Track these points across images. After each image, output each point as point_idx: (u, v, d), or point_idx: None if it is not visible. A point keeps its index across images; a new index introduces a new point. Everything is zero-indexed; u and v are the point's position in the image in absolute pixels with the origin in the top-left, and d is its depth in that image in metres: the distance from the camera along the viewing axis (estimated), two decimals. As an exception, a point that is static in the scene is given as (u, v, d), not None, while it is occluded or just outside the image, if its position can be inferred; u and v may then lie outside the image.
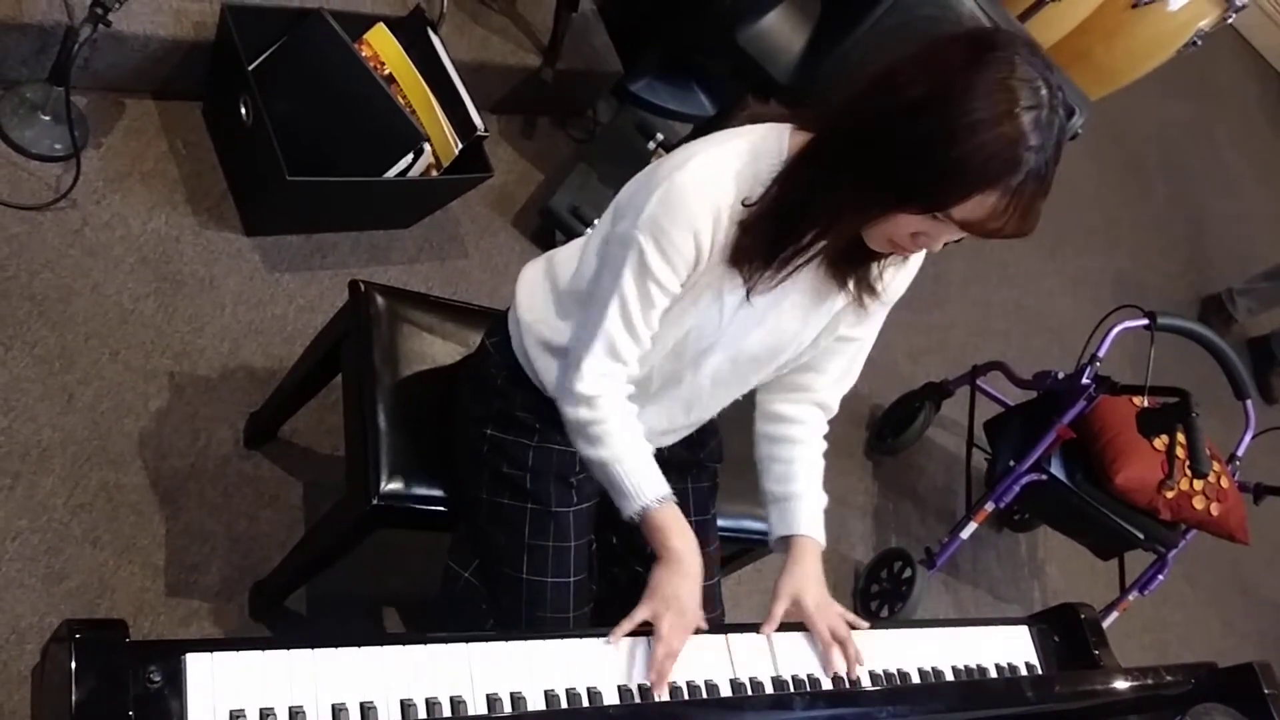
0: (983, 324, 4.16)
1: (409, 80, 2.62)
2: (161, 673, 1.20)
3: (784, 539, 1.81)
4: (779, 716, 1.40)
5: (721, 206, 1.52)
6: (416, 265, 2.81)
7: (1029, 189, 1.38)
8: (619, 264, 1.56)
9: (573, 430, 1.68)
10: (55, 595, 1.99)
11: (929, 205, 1.41)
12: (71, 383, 2.18)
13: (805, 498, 1.81)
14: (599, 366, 1.61)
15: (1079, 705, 1.70)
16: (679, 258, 1.53)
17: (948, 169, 1.37)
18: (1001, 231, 1.42)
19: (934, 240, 1.48)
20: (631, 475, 1.64)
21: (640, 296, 1.56)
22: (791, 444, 1.84)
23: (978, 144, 1.34)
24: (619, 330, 1.59)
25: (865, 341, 1.81)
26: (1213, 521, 3.01)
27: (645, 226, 1.52)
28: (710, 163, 1.53)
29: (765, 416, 1.87)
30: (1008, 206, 1.38)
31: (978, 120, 1.34)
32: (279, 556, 2.17)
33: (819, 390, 1.84)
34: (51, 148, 2.34)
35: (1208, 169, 6.27)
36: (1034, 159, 1.36)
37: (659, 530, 1.64)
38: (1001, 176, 1.36)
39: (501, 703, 1.39)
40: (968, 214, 1.40)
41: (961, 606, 3.33)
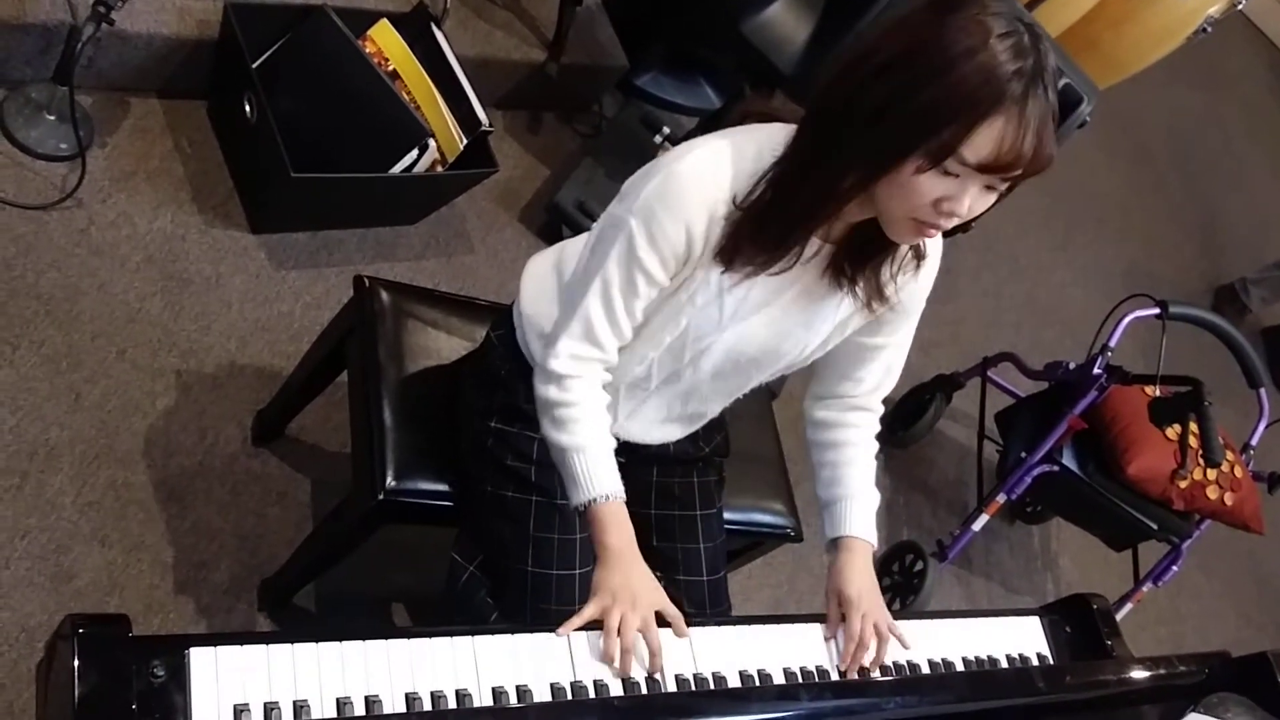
0: (994, 316, 4.14)
1: (413, 76, 2.61)
2: (165, 667, 1.19)
3: (833, 541, 1.83)
4: (786, 707, 1.38)
5: (718, 202, 1.50)
6: (422, 261, 2.81)
7: (1032, 110, 1.33)
8: (607, 245, 1.55)
9: (540, 408, 1.66)
10: (64, 594, 1.99)
11: (933, 152, 1.35)
12: (79, 381, 2.18)
13: (853, 499, 1.83)
14: (573, 348, 1.60)
15: (1091, 695, 1.69)
16: (668, 248, 1.51)
17: (936, 108, 1.33)
18: (1020, 163, 1.35)
19: (958, 201, 1.39)
20: (588, 467, 1.62)
21: (623, 281, 1.55)
22: (838, 448, 1.86)
23: (960, 75, 1.31)
24: (598, 313, 1.57)
25: (899, 347, 1.80)
26: (1227, 511, 2.99)
27: (639, 211, 1.51)
28: (711, 156, 1.51)
29: (813, 425, 1.89)
30: (1019, 132, 1.33)
31: (954, 54, 1.31)
32: (287, 554, 2.17)
33: (859, 396, 1.84)
34: (57, 147, 2.35)
35: (1219, 158, 6.23)
36: (1024, 80, 1.31)
37: (598, 526, 1.62)
38: (996, 100, 1.31)
39: (507, 695, 1.39)
40: (979, 153, 1.34)
41: (974, 599, 3.32)
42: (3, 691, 1.86)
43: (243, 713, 1.22)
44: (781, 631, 1.68)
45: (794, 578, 2.93)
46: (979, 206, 1.42)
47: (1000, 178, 1.38)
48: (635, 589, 1.57)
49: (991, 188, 1.40)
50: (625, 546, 1.62)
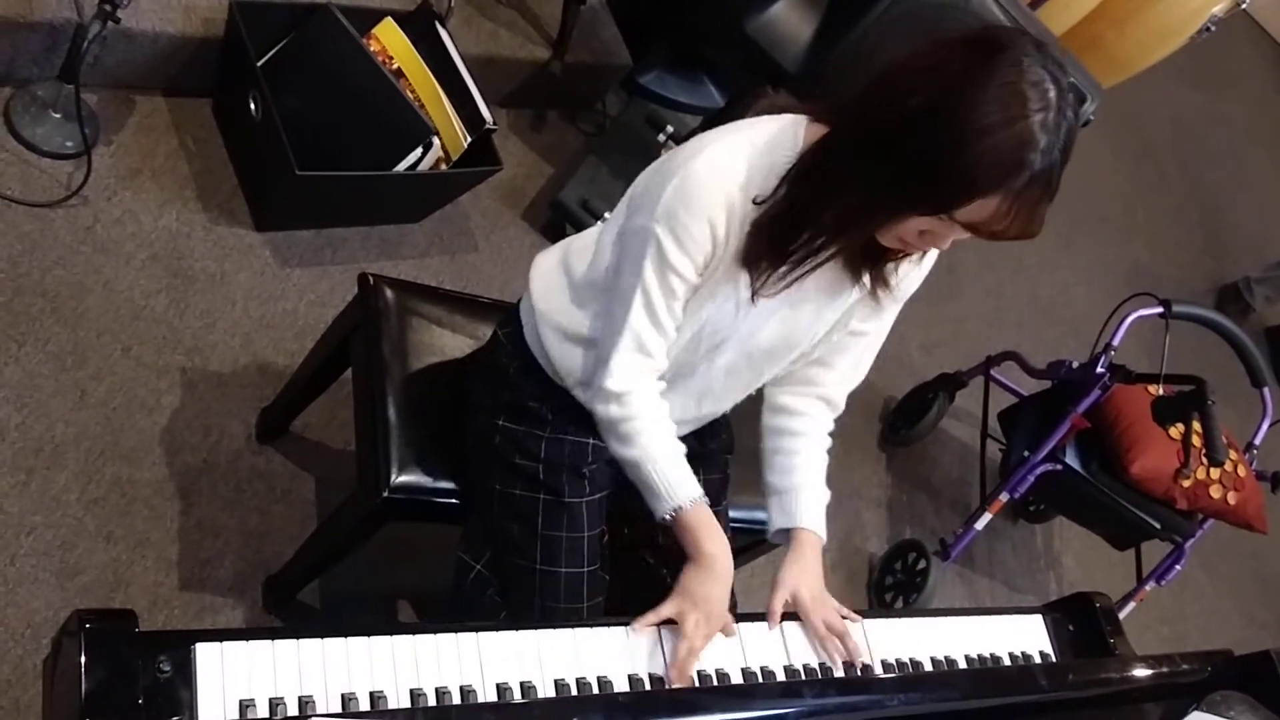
0: (997, 315, 4.14)
1: (417, 74, 2.62)
2: (171, 662, 1.20)
3: (783, 531, 1.81)
4: (789, 704, 1.39)
5: (735, 195, 1.52)
6: (427, 259, 2.82)
7: (1033, 192, 1.38)
8: (639, 257, 1.56)
9: (605, 429, 1.69)
10: (69, 590, 2.00)
11: (936, 209, 1.41)
12: (84, 379, 2.19)
13: (806, 489, 1.81)
14: (627, 361, 1.62)
15: (1094, 693, 1.69)
16: (695, 247, 1.54)
17: (954, 173, 1.37)
18: (1006, 233, 1.42)
19: (941, 239, 1.49)
20: (665, 475, 1.65)
21: (662, 288, 1.57)
22: (795, 436, 1.83)
23: (985, 148, 1.34)
24: (644, 324, 1.60)
25: (875, 336, 1.81)
26: (1230, 510, 2.99)
27: (662, 218, 1.53)
28: (725, 151, 1.53)
29: (771, 409, 1.87)
30: (1010, 209, 1.38)
31: (985, 125, 1.33)
32: (292, 551, 2.17)
33: (826, 385, 1.83)
34: (62, 145, 2.35)
35: (1223, 156, 6.23)
36: (1040, 161, 1.35)
37: (691, 531, 1.65)
38: (1005, 180, 1.36)
39: (511, 692, 1.39)
40: (971, 216, 1.40)
41: (977, 598, 3.32)
42: (9, 688, 1.87)
43: (248, 708, 1.22)
44: (785, 629, 1.68)
45: (797, 576, 2.93)
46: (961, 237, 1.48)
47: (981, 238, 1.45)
48: (717, 605, 1.60)
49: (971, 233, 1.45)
50: (721, 554, 1.65)
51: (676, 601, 1.58)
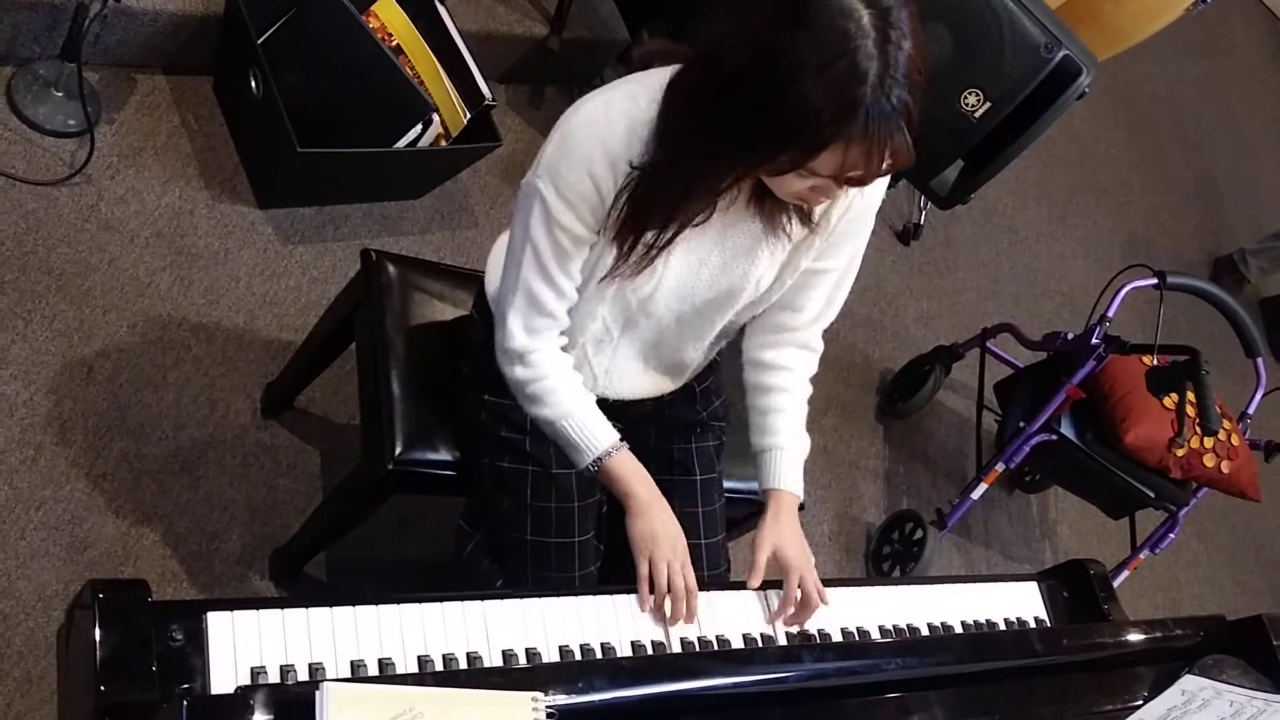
0: (993, 287, 4.16)
1: (417, 51, 2.63)
2: (183, 631, 1.23)
3: (764, 492, 1.81)
4: (788, 668, 1.42)
5: (615, 148, 1.49)
6: (428, 235, 2.84)
7: (882, 127, 1.31)
8: (526, 215, 1.56)
9: (515, 390, 1.71)
10: (79, 563, 2.03)
11: (785, 166, 1.38)
12: (90, 355, 2.21)
13: (783, 450, 1.80)
14: (523, 321, 1.63)
15: (1087, 657, 1.72)
16: (580, 200, 1.52)
17: (785, 130, 1.33)
18: (870, 176, 1.37)
19: (826, 193, 1.44)
20: (581, 428, 1.67)
21: (551, 245, 1.56)
22: (774, 393, 1.82)
23: (805, 98, 1.29)
24: (536, 281, 1.60)
25: (843, 273, 1.75)
26: (1224, 479, 3.02)
27: (544, 173, 1.52)
28: (603, 105, 1.51)
29: (750, 364, 1.85)
30: (863, 149, 1.33)
31: (798, 74, 1.29)
32: (297, 523, 2.21)
33: (799, 329, 1.80)
34: (65, 124, 2.37)
35: (1219, 129, 6.23)
36: (871, 95, 1.29)
37: (618, 479, 1.68)
38: (841, 126, 1.30)
39: (517, 657, 1.43)
40: (829, 167, 1.36)
41: (973, 567, 3.36)
42: (21, 659, 1.90)
43: (259, 675, 1.26)
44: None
45: (796, 546, 2.96)
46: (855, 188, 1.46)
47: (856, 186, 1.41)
48: (671, 533, 1.65)
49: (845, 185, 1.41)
50: (650, 494, 1.68)
51: (645, 555, 1.63)
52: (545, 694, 1.14)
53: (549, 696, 1.15)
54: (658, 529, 1.65)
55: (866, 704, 1.47)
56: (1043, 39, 2.73)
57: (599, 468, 1.69)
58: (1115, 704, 1.67)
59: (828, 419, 3.22)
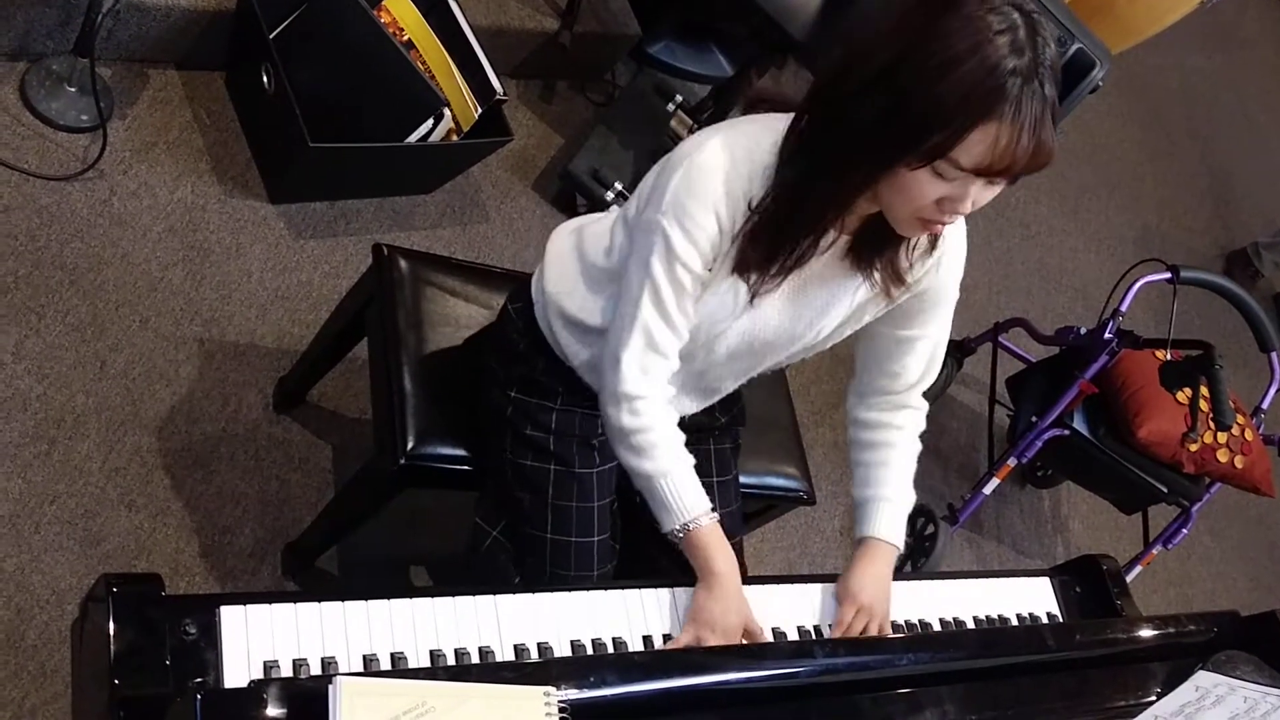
0: (1005, 282, 4.15)
1: (428, 45, 2.63)
2: (197, 625, 1.23)
3: (859, 541, 1.79)
4: (800, 664, 1.42)
5: (739, 188, 1.51)
6: (439, 230, 2.84)
7: (1029, 111, 1.32)
8: (646, 252, 1.55)
9: (615, 436, 1.66)
10: (93, 557, 2.04)
11: (928, 154, 1.36)
12: (104, 350, 2.22)
13: (884, 501, 1.78)
14: (639, 361, 1.60)
15: (1100, 653, 1.71)
16: (704, 238, 1.52)
17: (932, 111, 1.33)
18: (1017, 166, 1.36)
19: (960, 201, 1.41)
20: (678, 491, 1.62)
21: (671, 282, 1.55)
22: (876, 448, 1.82)
23: (956, 78, 1.31)
24: (654, 320, 1.58)
25: (937, 340, 1.79)
26: (1237, 474, 3.01)
27: (669, 209, 1.52)
28: (728, 145, 1.52)
29: (855, 424, 1.85)
30: (1012, 135, 1.33)
31: (950, 57, 1.31)
32: (310, 518, 2.21)
33: (900, 393, 1.81)
34: (78, 119, 2.38)
35: (1233, 122, 6.21)
36: (1020, 80, 1.31)
37: (700, 550, 1.62)
38: (992, 104, 1.31)
39: (529, 652, 1.43)
40: (974, 156, 1.35)
41: (985, 562, 3.35)
42: (35, 652, 1.91)
43: (272, 669, 1.26)
44: (795, 591, 1.72)
45: (806, 540, 2.96)
46: (983, 199, 1.43)
47: (998, 179, 1.39)
48: (731, 619, 1.58)
49: (992, 183, 1.40)
50: (730, 572, 1.61)
51: (693, 629, 1.57)
52: (557, 688, 1.14)
53: (561, 691, 1.15)
54: (718, 618, 1.57)
55: (879, 699, 1.46)
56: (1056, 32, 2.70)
57: (684, 534, 1.63)
58: (1128, 700, 1.66)
59: (839, 413, 3.21)
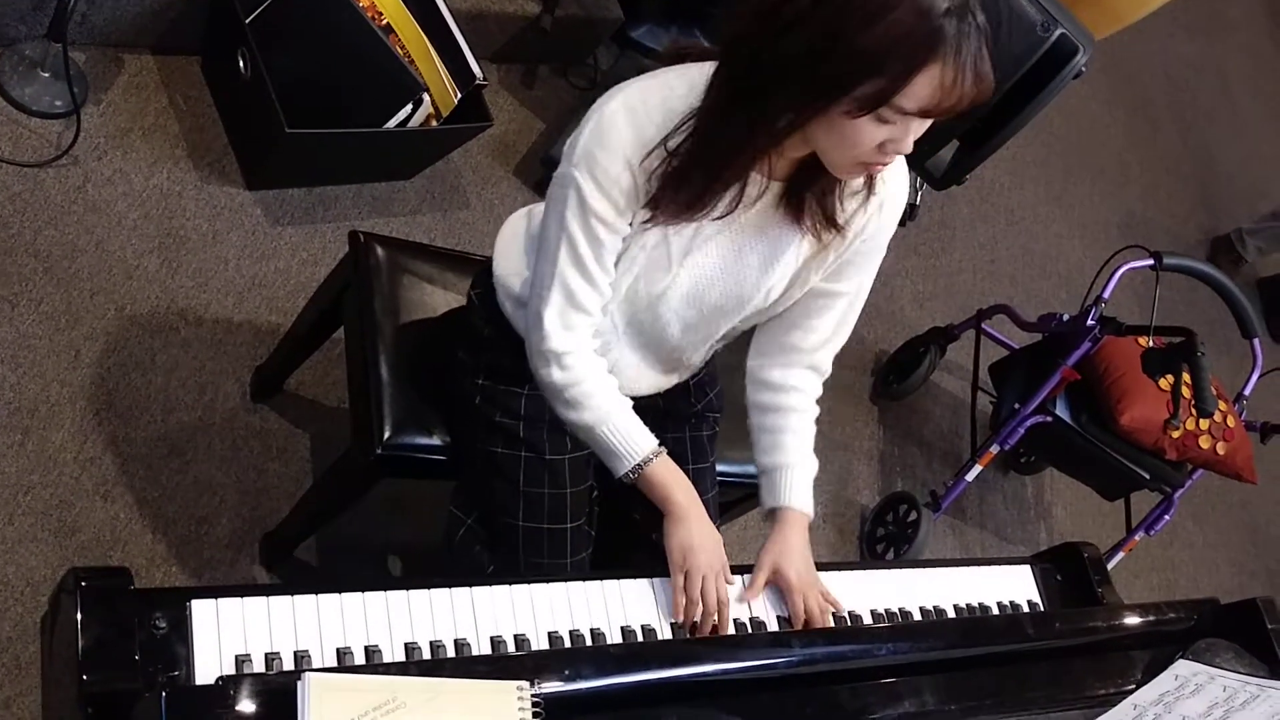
0: (989, 268, 4.14)
1: (407, 30, 2.60)
2: (167, 619, 1.22)
3: (771, 511, 1.79)
4: (778, 654, 1.41)
5: (651, 134, 1.48)
6: (419, 216, 2.82)
7: (968, 48, 1.31)
8: (561, 206, 1.54)
9: (549, 394, 1.66)
10: (68, 548, 2.02)
11: (865, 101, 1.34)
12: (78, 339, 2.20)
13: (793, 468, 1.78)
14: (560, 317, 1.59)
15: (1080, 641, 1.71)
16: (616, 189, 1.50)
17: (868, 60, 1.31)
18: (962, 102, 1.35)
19: (902, 142, 1.39)
20: (620, 434, 1.64)
21: (586, 236, 1.54)
22: (781, 413, 1.80)
23: (890, 24, 1.29)
24: (573, 275, 1.57)
25: (854, 296, 1.74)
26: (1219, 461, 3.01)
27: (580, 162, 1.50)
28: (639, 93, 1.49)
29: (756, 384, 1.82)
30: (956, 74, 1.32)
31: (881, 3, 1.29)
32: (288, 508, 2.20)
33: (809, 351, 1.78)
34: (52, 104, 2.35)
35: (1218, 108, 6.20)
36: (955, 18, 1.30)
37: (658, 486, 1.65)
38: (931, 48, 1.30)
39: (505, 644, 1.41)
40: (919, 99, 1.33)
41: (968, 549, 3.35)
42: (10, 645, 1.89)
43: (244, 663, 1.24)
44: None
45: (790, 529, 2.96)
46: (918, 135, 1.41)
47: (939, 117, 1.37)
48: (708, 546, 1.61)
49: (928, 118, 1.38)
50: (691, 501, 1.65)
51: (676, 569, 1.59)
52: (532, 682, 1.13)
53: (535, 685, 1.14)
54: (695, 540, 1.61)
55: (858, 689, 1.46)
56: (1039, 18, 2.70)
57: (638, 474, 1.65)
58: (1108, 688, 1.66)
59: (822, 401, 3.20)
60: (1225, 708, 1.50)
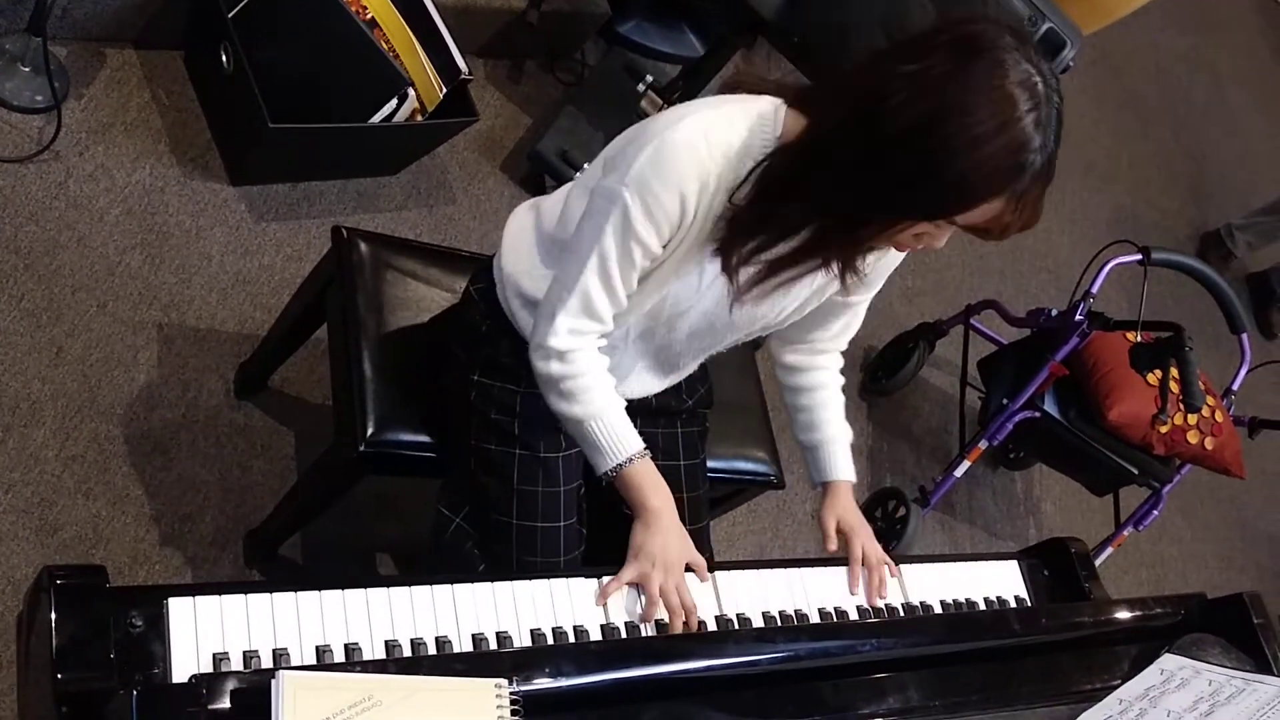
0: (979, 264, 4.14)
1: (391, 24, 2.59)
2: (143, 617, 1.21)
3: (824, 484, 1.93)
4: (762, 650, 1.40)
5: (710, 172, 1.49)
6: (404, 212, 2.80)
7: (1035, 188, 1.37)
8: (602, 219, 1.53)
9: (544, 384, 1.66)
10: (49, 547, 2.00)
11: (933, 217, 1.41)
12: (60, 335, 2.18)
13: (833, 442, 1.91)
14: (573, 323, 1.59)
15: (1066, 637, 1.71)
16: (664, 218, 1.50)
17: (952, 185, 1.35)
18: (1005, 234, 1.42)
19: (936, 240, 1.47)
20: (609, 431, 1.64)
21: (621, 255, 1.54)
22: (812, 391, 1.92)
23: (982, 157, 1.32)
24: (596, 287, 1.56)
25: (867, 301, 1.86)
26: (1207, 456, 3.01)
27: (633, 183, 1.49)
28: (704, 125, 1.49)
29: (783, 368, 1.94)
30: (1016, 208, 1.38)
31: (979, 134, 1.31)
32: (272, 505, 2.18)
33: (823, 342, 1.90)
34: (32, 99, 2.33)
35: (1208, 103, 6.20)
36: (1038, 160, 1.34)
37: (635, 488, 1.65)
38: (1007, 184, 1.35)
39: (487, 642, 1.40)
40: (973, 219, 1.39)
41: (957, 545, 3.35)
42: (-10, 643, 1.87)
43: (222, 661, 1.23)
44: (761, 577, 1.69)
45: (777, 523, 2.95)
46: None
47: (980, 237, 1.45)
48: (672, 553, 1.61)
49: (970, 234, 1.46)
50: (665, 506, 1.65)
51: (635, 565, 1.59)
52: (510, 680, 1.12)
53: (514, 683, 1.13)
54: (656, 552, 1.60)
55: (842, 686, 1.45)
56: (1026, 11, 2.69)
57: (618, 474, 1.65)
58: (1095, 683, 1.65)
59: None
60: (1211, 702, 1.49)
